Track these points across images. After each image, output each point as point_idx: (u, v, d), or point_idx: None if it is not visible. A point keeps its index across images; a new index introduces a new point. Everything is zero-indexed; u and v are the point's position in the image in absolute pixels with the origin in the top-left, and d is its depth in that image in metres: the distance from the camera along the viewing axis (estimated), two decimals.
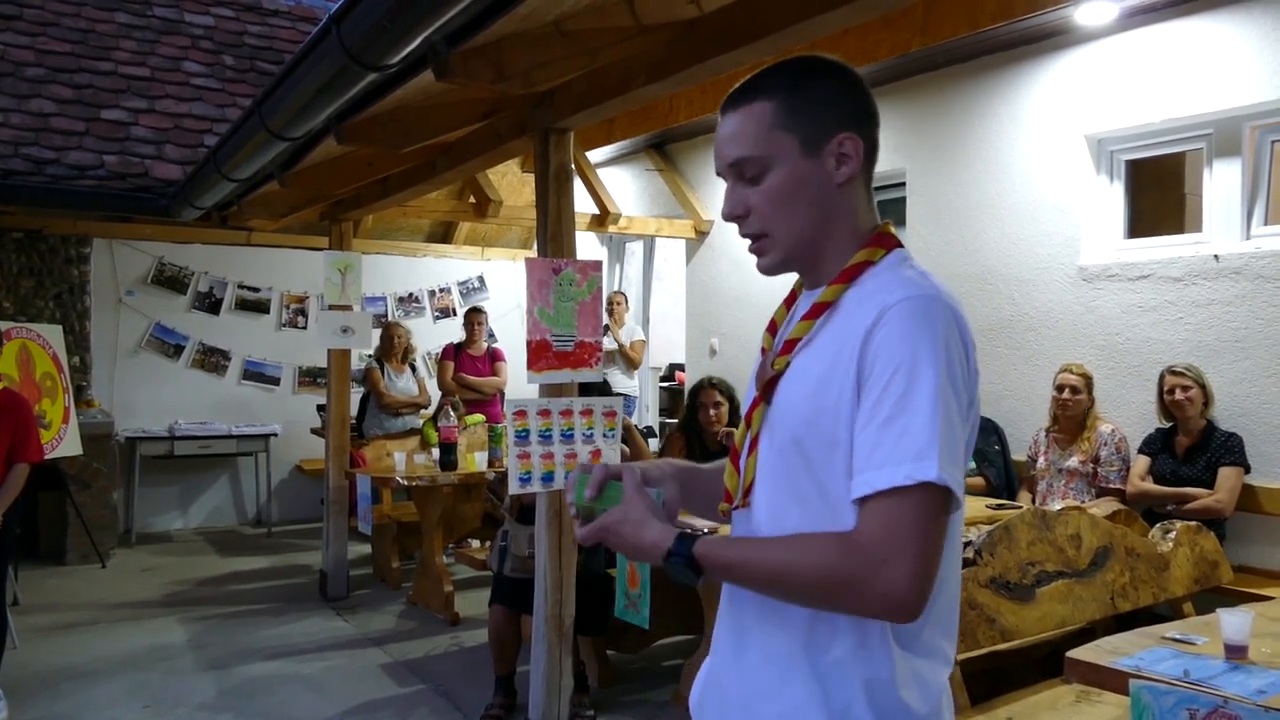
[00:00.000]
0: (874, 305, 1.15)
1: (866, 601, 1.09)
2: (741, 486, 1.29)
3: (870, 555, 1.07)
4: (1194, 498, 4.05)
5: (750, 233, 1.28)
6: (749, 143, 1.24)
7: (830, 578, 1.10)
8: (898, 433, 1.08)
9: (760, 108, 1.24)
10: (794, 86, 1.24)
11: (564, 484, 1.32)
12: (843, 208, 1.26)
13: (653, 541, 1.21)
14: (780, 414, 1.24)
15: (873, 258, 1.25)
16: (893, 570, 1.06)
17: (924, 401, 1.08)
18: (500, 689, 4.02)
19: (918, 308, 1.13)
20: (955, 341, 1.14)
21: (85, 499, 6.59)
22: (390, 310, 8.56)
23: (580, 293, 3.51)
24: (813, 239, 1.26)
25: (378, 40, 2.55)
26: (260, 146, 3.94)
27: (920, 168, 5.58)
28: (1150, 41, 4.51)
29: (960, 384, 1.13)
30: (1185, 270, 4.42)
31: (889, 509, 1.08)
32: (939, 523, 1.09)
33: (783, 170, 1.23)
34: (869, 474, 1.09)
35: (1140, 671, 2.13)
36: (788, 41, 2.71)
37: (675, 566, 1.19)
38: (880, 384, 1.11)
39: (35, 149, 6.19)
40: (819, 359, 1.20)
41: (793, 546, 1.15)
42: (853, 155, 1.25)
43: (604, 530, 1.25)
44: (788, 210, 1.24)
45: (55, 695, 4.21)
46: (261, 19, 8.45)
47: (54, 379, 6.02)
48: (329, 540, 5.91)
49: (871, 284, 1.21)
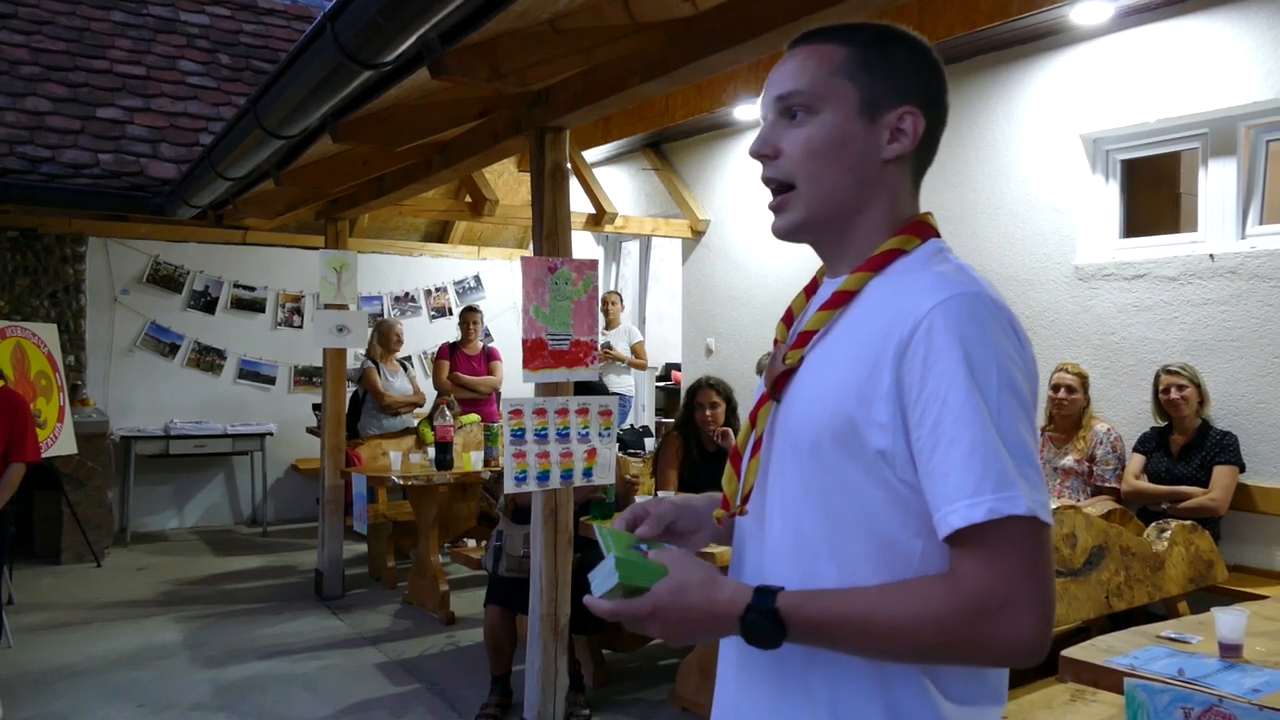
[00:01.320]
0: (907, 306, 1.03)
1: (988, 654, 0.99)
2: (741, 491, 1.17)
3: (983, 606, 0.96)
4: (1189, 497, 4.06)
5: (775, 176, 1.15)
6: (807, 78, 1.12)
7: (945, 633, 0.97)
8: (968, 459, 0.97)
9: (831, 50, 1.13)
10: (875, 42, 1.14)
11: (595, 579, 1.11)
12: (884, 186, 1.14)
13: (729, 599, 1.03)
14: (793, 414, 1.12)
15: (906, 246, 1.12)
16: (1013, 618, 0.95)
17: (989, 417, 0.98)
18: (496, 688, 4.02)
19: (963, 310, 1.01)
20: (1009, 342, 1.02)
21: (80, 498, 6.57)
22: (386, 310, 8.55)
23: (576, 292, 3.51)
24: (842, 210, 1.14)
25: (373, 38, 2.54)
26: (256, 145, 3.94)
27: None
28: (1146, 41, 4.51)
29: (1023, 390, 1.02)
30: (1181, 270, 4.43)
31: (988, 549, 0.96)
32: (1045, 552, 0.98)
33: (832, 119, 1.11)
34: (946, 510, 0.97)
35: (1135, 670, 2.14)
36: (782, 40, 2.68)
37: (756, 625, 1.02)
38: (936, 401, 0.99)
39: (30, 147, 6.18)
40: (837, 357, 1.09)
41: (895, 598, 1.00)
42: (909, 132, 1.13)
43: (656, 609, 1.04)
44: (822, 165, 1.12)
45: (50, 694, 4.20)
46: (257, 17, 8.44)
47: (49, 378, 6.01)
48: (324, 539, 5.91)
49: (902, 277, 1.10)
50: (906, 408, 1.01)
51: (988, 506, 0.95)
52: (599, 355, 3.70)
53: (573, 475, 3.49)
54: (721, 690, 1.22)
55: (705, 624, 1.05)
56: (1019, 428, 0.99)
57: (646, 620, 1.05)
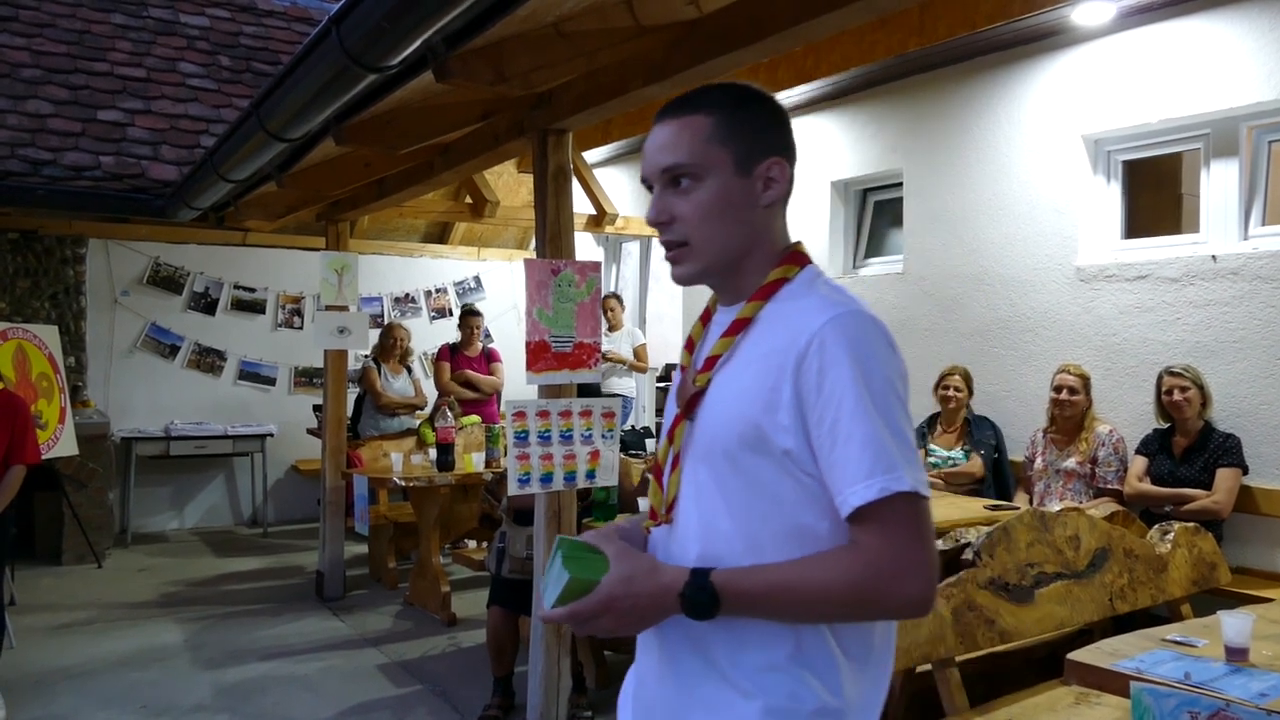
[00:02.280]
0: (800, 325, 1.20)
1: (890, 609, 1.18)
2: (665, 502, 1.32)
3: (884, 569, 1.15)
4: (1192, 499, 4.06)
5: (672, 239, 1.31)
6: (685, 151, 1.27)
7: (854, 594, 1.16)
8: (862, 449, 1.15)
9: (699, 120, 1.28)
10: (735, 106, 1.29)
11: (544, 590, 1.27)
12: (765, 227, 1.31)
13: (671, 580, 1.20)
14: (708, 429, 1.27)
15: (788, 274, 1.30)
16: (907, 579, 1.15)
17: (877, 414, 1.16)
18: (498, 690, 4.01)
19: (848, 326, 1.19)
20: (886, 351, 1.20)
21: (81, 499, 6.57)
22: (386, 311, 8.55)
23: (579, 293, 3.51)
24: (733, 255, 1.30)
25: (378, 41, 2.54)
26: (258, 148, 3.93)
27: (917, 169, 5.59)
28: (1147, 42, 4.51)
29: (900, 389, 1.20)
30: (1183, 271, 4.43)
31: (881, 522, 1.15)
32: (927, 521, 1.18)
33: (715, 184, 1.27)
34: (847, 493, 1.15)
35: (1141, 674, 2.14)
36: (786, 43, 2.71)
37: (694, 600, 1.18)
38: (831, 404, 1.16)
39: (32, 150, 6.18)
40: (743, 374, 1.25)
41: (810, 568, 1.18)
42: (780, 180, 1.30)
43: (610, 599, 1.20)
44: (714, 224, 1.28)
45: (52, 695, 4.19)
46: (257, 20, 8.43)
47: (50, 379, 6.01)
48: (325, 540, 5.90)
49: (791, 301, 1.27)
50: (806, 411, 1.19)
51: (880, 486, 1.13)
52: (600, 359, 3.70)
53: (576, 477, 3.49)
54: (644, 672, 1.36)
55: (652, 608, 1.21)
56: (900, 421, 1.18)
57: (601, 613, 1.20)
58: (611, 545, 1.24)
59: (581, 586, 1.19)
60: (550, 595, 1.22)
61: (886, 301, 5.75)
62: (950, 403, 5.01)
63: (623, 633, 1.24)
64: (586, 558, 1.22)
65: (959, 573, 2.83)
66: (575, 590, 1.20)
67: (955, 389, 5.01)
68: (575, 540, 1.25)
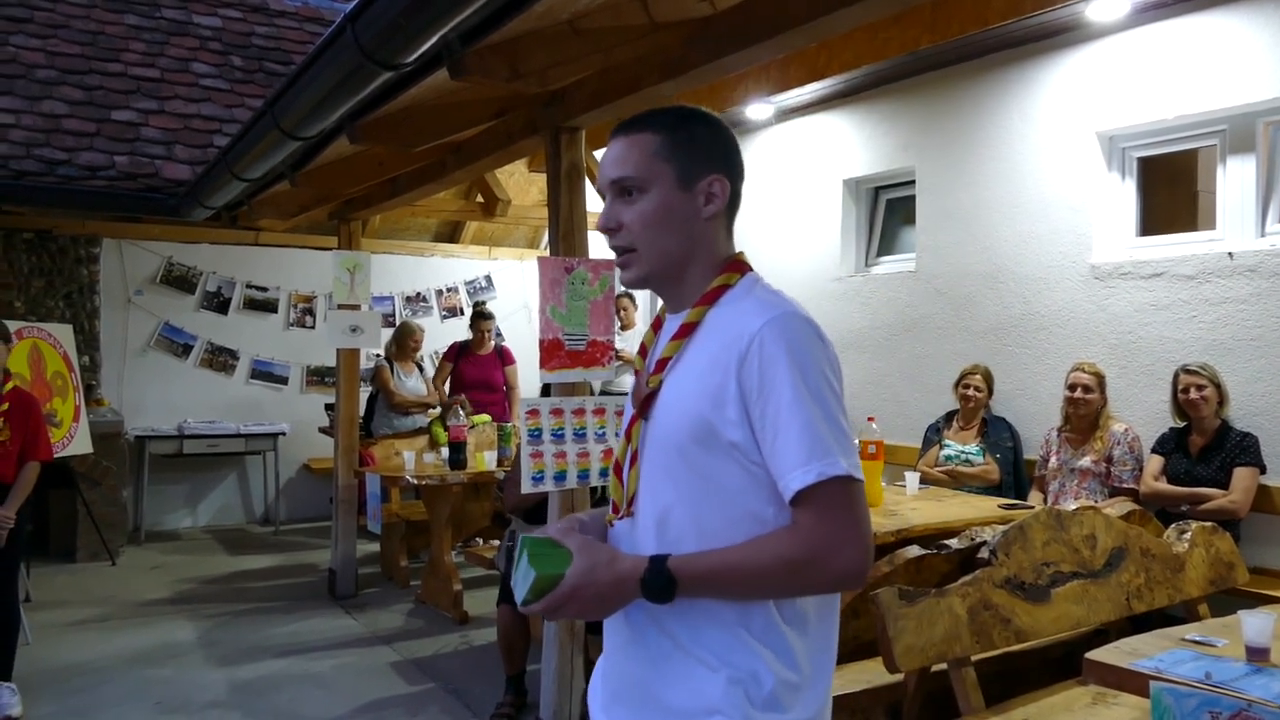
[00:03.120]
0: (741, 327, 1.31)
1: (830, 581, 1.29)
2: (625, 497, 1.42)
3: (821, 545, 1.25)
4: (1208, 498, 4.03)
5: (619, 245, 1.42)
6: (632, 165, 1.39)
7: (797, 568, 1.26)
8: (800, 437, 1.25)
9: (646, 138, 1.39)
10: (678, 126, 1.40)
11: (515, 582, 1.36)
12: (705, 239, 1.41)
13: (631, 567, 1.29)
14: (661, 427, 1.37)
15: (729, 281, 1.40)
16: (841, 553, 1.25)
17: (813, 405, 1.26)
18: (510, 688, 4.02)
19: (784, 326, 1.29)
20: (819, 346, 1.30)
21: (95, 497, 6.60)
22: (398, 310, 8.57)
23: (592, 292, 3.50)
24: (676, 262, 1.41)
25: (393, 38, 2.54)
26: (272, 146, 3.94)
27: (930, 166, 5.57)
28: (1163, 37, 4.49)
29: (834, 381, 1.30)
30: (1199, 268, 4.40)
31: (818, 504, 1.25)
32: (860, 500, 1.28)
33: (657, 196, 1.38)
34: (788, 478, 1.25)
35: (1161, 674, 2.12)
36: (799, 39, 2.70)
37: (653, 584, 1.27)
38: (771, 397, 1.27)
39: (47, 150, 6.21)
40: (690, 374, 1.35)
41: (755, 549, 1.28)
42: (719, 195, 1.40)
43: (575, 589, 1.29)
44: (656, 232, 1.39)
45: (67, 691, 4.21)
46: (269, 20, 8.46)
47: (64, 378, 6.03)
48: (337, 539, 5.92)
49: (731, 306, 1.37)
50: (749, 405, 1.29)
51: (817, 470, 1.24)
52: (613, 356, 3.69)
53: (589, 475, 3.48)
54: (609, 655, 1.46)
55: (614, 594, 1.30)
56: (834, 410, 1.28)
57: (567, 603, 1.29)
58: (574, 539, 1.33)
59: (548, 582, 1.28)
60: (521, 591, 1.31)
61: (899, 300, 5.73)
62: (970, 402, 5.00)
63: (590, 618, 1.37)
64: (550, 553, 1.31)
65: (975, 571, 2.81)
66: (543, 585, 1.28)
67: (976, 388, 4.99)
68: (539, 538, 1.34)
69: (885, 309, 5.80)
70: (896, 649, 2.55)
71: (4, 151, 6.02)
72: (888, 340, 5.81)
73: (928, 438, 5.20)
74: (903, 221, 6.08)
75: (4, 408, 3.96)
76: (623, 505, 1.42)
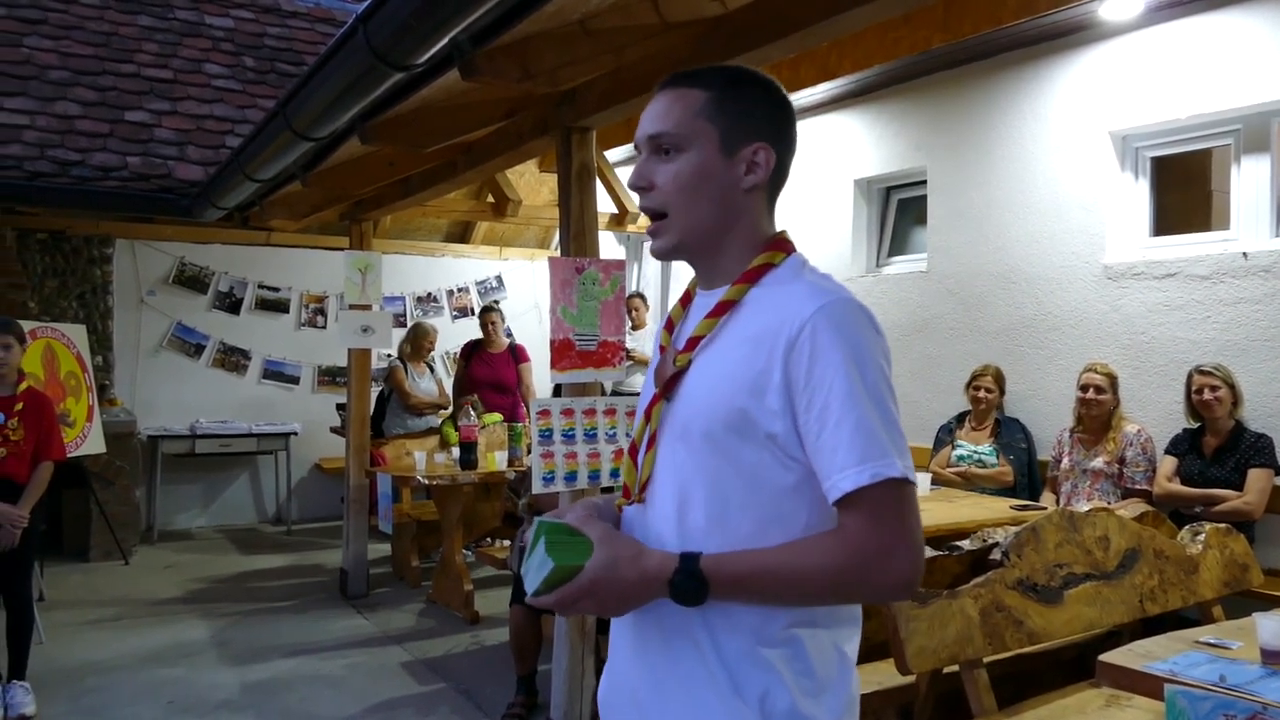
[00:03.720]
0: (789, 311, 1.21)
1: (876, 591, 1.20)
2: (639, 482, 1.32)
3: (871, 553, 1.16)
4: (1222, 499, 4.00)
5: (650, 206, 1.31)
6: (673, 121, 1.29)
7: (841, 577, 1.17)
8: (854, 434, 1.16)
9: (693, 94, 1.29)
10: (729, 86, 1.30)
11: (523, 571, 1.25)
12: (745, 212, 1.31)
13: (658, 566, 1.19)
14: (688, 409, 1.27)
15: (773, 260, 1.30)
16: (893, 562, 1.16)
17: (868, 401, 1.17)
18: (521, 688, 4.02)
19: (839, 312, 1.20)
20: (875, 337, 1.21)
21: (108, 496, 6.64)
22: (409, 310, 8.59)
23: (603, 292, 3.50)
24: (710, 232, 1.30)
25: (404, 39, 2.54)
26: (284, 147, 3.95)
27: (942, 166, 5.55)
28: (1177, 36, 4.46)
29: (888, 374, 1.21)
30: (1213, 268, 4.37)
31: (870, 507, 1.15)
32: (914, 506, 1.18)
33: (695, 157, 1.28)
34: (836, 478, 1.16)
35: (1175, 676, 2.11)
36: (811, 39, 2.70)
37: (682, 586, 1.18)
38: (821, 390, 1.17)
39: (61, 151, 6.24)
40: (728, 355, 1.25)
41: (797, 552, 1.19)
42: (762, 165, 1.30)
43: (594, 584, 1.19)
44: (689, 196, 1.28)
45: (80, 690, 4.23)
46: (281, 21, 8.48)
47: (78, 378, 6.07)
48: (349, 539, 5.93)
49: (776, 287, 1.27)
50: (794, 396, 1.19)
51: (871, 471, 1.14)
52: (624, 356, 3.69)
53: (600, 476, 3.48)
54: (616, 658, 1.37)
55: (636, 592, 1.20)
56: (890, 408, 1.19)
57: (584, 597, 1.19)
58: (595, 528, 1.22)
59: (565, 573, 1.19)
60: (534, 581, 1.21)
61: (910, 300, 5.71)
62: (981, 403, 4.98)
63: (604, 615, 1.26)
64: (569, 542, 1.21)
65: (987, 573, 2.80)
66: (559, 576, 1.19)
67: (986, 389, 4.97)
68: (557, 523, 1.24)
69: (896, 309, 5.79)
70: (908, 651, 2.54)
71: (18, 152, 6.06)
72: (899, 341, 5.79)
73: (939, 438, 5.19)
74: (914, 221, 6.06)
75: (18, 407, 3.98)
76: (635, 490, 1.33)
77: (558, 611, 1.23)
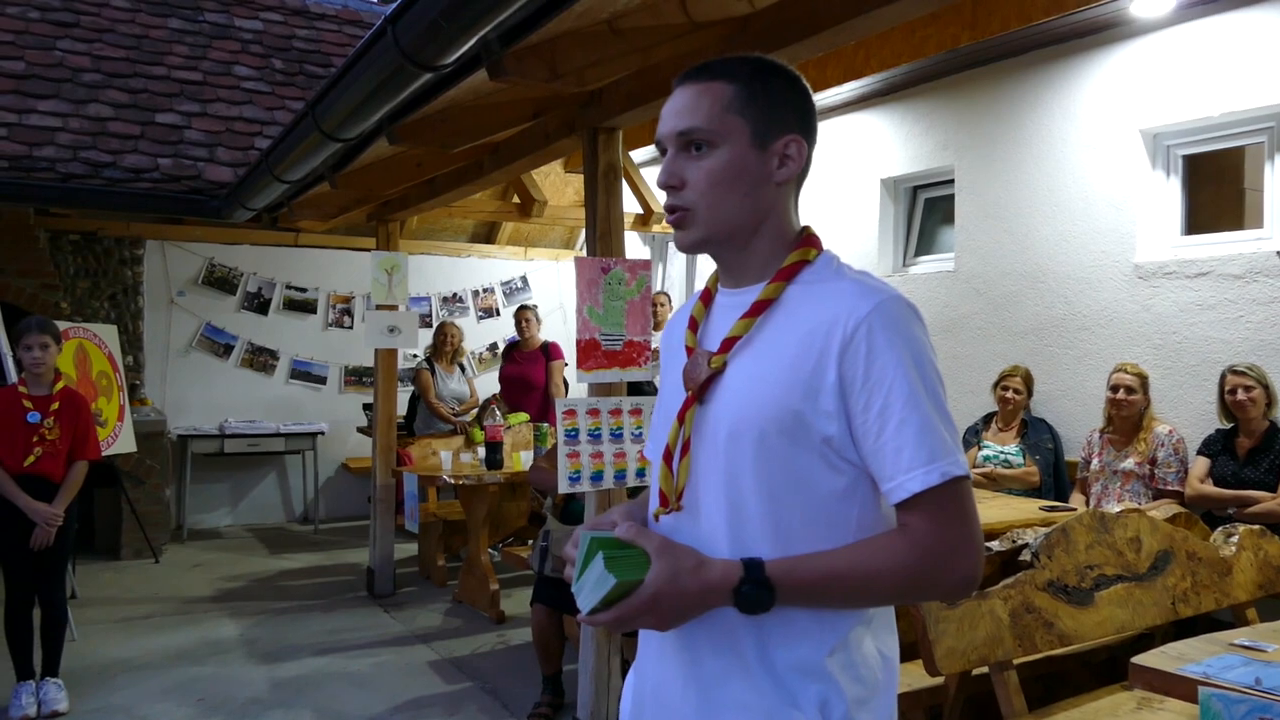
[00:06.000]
0: (839, 310, 1.19)
1: (944, 590, 1.19)
2: (676, 489, 1.27)
3: (940, 551, 1.16)
4: (1256, 501, 3.95)
5: (678, 204, 1.27)
6: (703, 116, 1.25)
7: (912, 578, 1.17)
8: (919, 434, 1.15)
9: (720, 88, 1.25)
10: (755, 77, 1.26)
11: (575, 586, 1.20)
12: (776, 206, 1.28)
13: (721, 576, 1.16)
14: (733, 413, 1.23)
15: (807, 257, 1.28)
16: (961, 560, 1.17)
17: (928, 401, 1.16)
18: (547, 688, 4.02)
19: (895, 311, 1.19)
20: (925, 335, 1.22)
21: (139, 495, 6.72)
22: (435, 310, 8.63)
23: (629, 292, 3.50)
24: (739, 228, 1.27)
25: (433, 40, 2.56)
26: (313, 148, 3.99)
27: (969, 164, 5.51)
28: (1208, 33, 4.41)
29: (940, 372, 1.21)
30: (1246, 267, 4.31)
31: (937, 507, 1.15)
32: (973, 501, 1.20)
33: (728, 153, 1.24)
34: (903, 478, 1.15)
35: (1209, 679, 2.08)
36: (840, 38, 2.69)
37: (750, 595, 1.15)
38: (880, 390, 1.16)
39: (93, 153, 6.32)
40: (774, 357, 1.22)
41: (865, 555, 1.17)
42: (795, 158, 1.27)
43: (656, 598, 1.14)
44: (722, 193, 1.25)
45: (112, 687, 4.28)
46: (309, 23, 8.55)
47: (109, 378, 6.14)
48: (376, 538, 5.97)
49: (815, 285, 1.25)
50: (849, 396, 1.17)
51: (941, 471, 1.14)
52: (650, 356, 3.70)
53: (626, 476, 3.48)
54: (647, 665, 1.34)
55: (697, 604, 1.17)
56: (945, 405, 1.19)
57: (645, 613, 1.15)
58: (650, 540, 1.18)
59: (625, 589, 1.14)
60: (590, 599, 1.16)
61: (938, 300, 5.67)
62: (1009, 404, 4.94)
63: (663, 629, 1.20)
64: (626, 557, 1.16)
65: (1017, 574, 2.78)
66: (618, 593, 1.14)
67: (1015, 390, 4.93)
68: (609, 537, 1.19)
69: (923, 309, 5.58)
70: (937, 652, 2.53)
71: (51, 154, 6.14)
72: None
73: (965, 440, 5.15)
74: (941, 221, 6.02)
75: (55, 407, 4.04)
76: (672, 498, 1.27)
77: (612, 629, 1.19)
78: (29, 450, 3.96)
